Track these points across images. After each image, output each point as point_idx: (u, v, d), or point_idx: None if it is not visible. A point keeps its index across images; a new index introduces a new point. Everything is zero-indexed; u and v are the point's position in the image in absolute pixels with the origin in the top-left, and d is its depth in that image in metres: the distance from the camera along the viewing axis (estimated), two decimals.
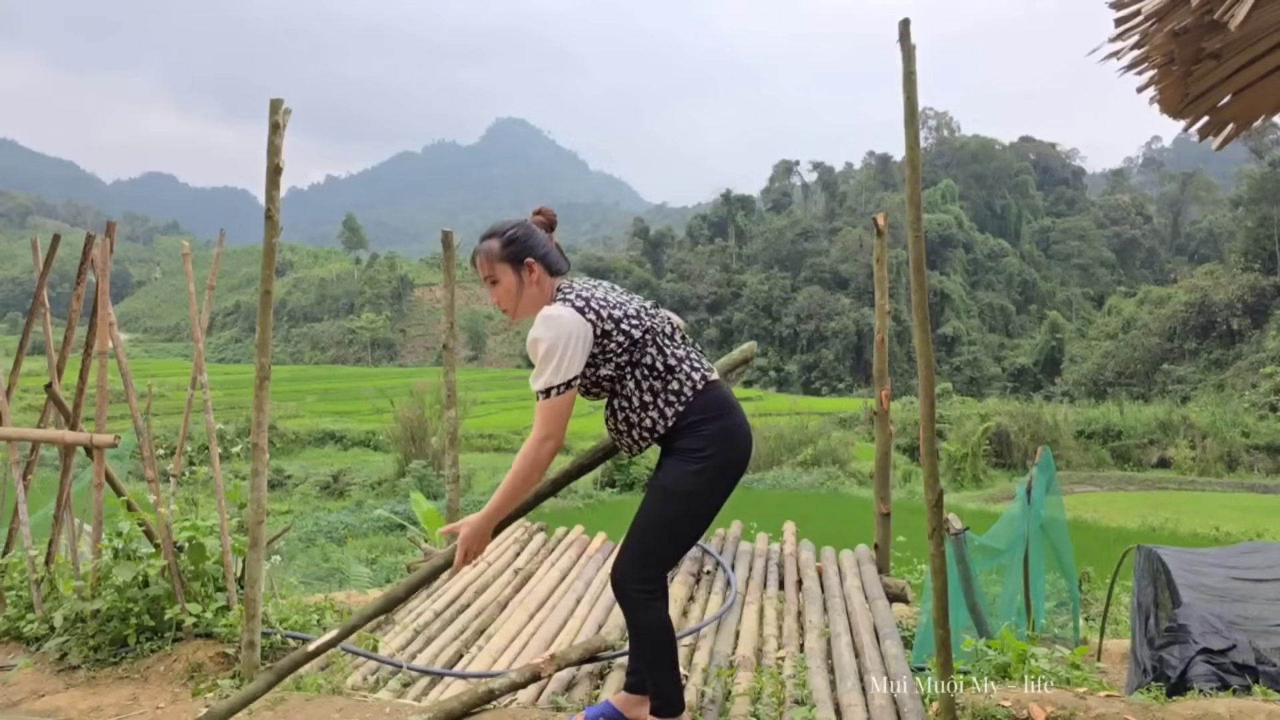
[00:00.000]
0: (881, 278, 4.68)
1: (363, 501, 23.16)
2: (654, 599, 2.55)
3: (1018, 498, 5.57)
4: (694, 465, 2.48)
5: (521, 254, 2.57)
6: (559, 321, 2.43)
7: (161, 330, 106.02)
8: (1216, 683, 3.44)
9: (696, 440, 2.50)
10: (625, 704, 2.74)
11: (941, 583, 2.62)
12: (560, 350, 2.41)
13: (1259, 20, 2.21)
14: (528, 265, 2.56)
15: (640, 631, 2.56)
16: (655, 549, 2.55)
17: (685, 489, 2.49)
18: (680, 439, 2.52)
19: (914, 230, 2.58)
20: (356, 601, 6.06)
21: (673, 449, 2.55)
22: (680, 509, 2.52)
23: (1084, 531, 13.41)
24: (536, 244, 2.59)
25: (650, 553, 2.54)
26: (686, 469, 2.49)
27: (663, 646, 2.55)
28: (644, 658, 2.59)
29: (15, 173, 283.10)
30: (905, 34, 2.65)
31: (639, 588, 2.53)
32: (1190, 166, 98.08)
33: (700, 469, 2.48)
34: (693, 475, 2.48)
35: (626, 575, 2.54)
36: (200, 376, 3.59)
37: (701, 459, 2.48)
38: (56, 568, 3.91)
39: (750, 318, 76.02)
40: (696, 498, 2.51)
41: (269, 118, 3.16)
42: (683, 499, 2.50)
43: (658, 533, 2.54)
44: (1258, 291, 53.79)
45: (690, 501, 2.51)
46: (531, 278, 2.57)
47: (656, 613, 2.55)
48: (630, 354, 2.50)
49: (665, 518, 2.52)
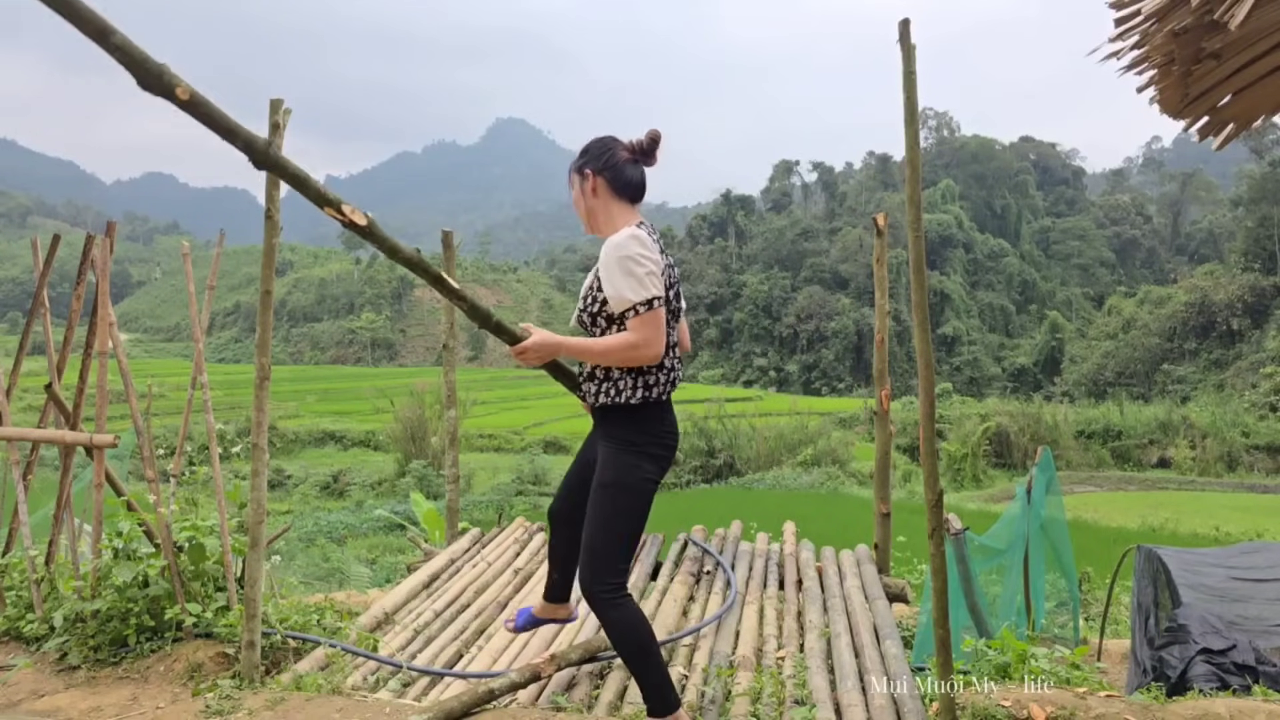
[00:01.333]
0: (881, 278, 4.68)
1: (363, 501, 23.18)
2: (625, 598, 2.59)
3: (1018, 498, 5.56)
4: (644, 460, 2.57)
5: (584, 165, 2.64)
6: (651, 249, 2.51)
7: (161, 330, 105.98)
8: (1216, 683, 3.44)
9: (645, 437, 2.59)
10: (542, 608, 3.13)
11: (941, 583, 2.62)
12: (652, 270, 2.48)
13: (1259, 20, 2.21)
14: (586, 175, 2.63)
15: (622, 634, 2.57)
16: (619, 546, 2.58)
17: (638, 483, 2.57)
18: (633, 431, 2.58)
19: (914, 230, 2.58)
20: (357, 601, 6.06)
21: (623, 441, 2.59)
22: (636, 503, 2.58)
23: (1084, 531, 13.40)
24: (606, 159, 2.63)
25: (614, 551, 2.58)
26: (639, 464, 2.57)
27: (645, 643, 2.57)
28: (631, 660, 2.60)
29: (15, 173, 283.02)
30: (905, 34, 2.65)
31: (610, 588, 2.56)
32: (1190, 166, 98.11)
33: (649, 464, 2.58)
34: (644, 470, 2.57)
35: (595, 579, 2.56)
36: (200, 376, 3.59)
37: (651, 456, 2.59)
38: (56, 568, 3.90)
39: (750, 318, 76.01)
40: (648, 492, 2.60)
41: (269, 118, 3.16)
42: (638, 494, 2.58)
43: (619, 530, 2.58)
44: (1258, 291, 53.78)
45: (643, 496, 2.59)
46: (588, 187, 2.63)
47: (631, 611, 2.58)
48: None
49: (624, 514, 2.57)
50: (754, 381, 68.88)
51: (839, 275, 76.63)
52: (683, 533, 5.17)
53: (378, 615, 3.98)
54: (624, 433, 2.60)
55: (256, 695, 3.01)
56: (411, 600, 4.29)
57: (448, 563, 4.80)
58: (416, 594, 4.37)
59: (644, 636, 2.57)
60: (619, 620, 2.56)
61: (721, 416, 29.03)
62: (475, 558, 4.91)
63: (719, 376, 69.77)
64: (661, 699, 2.57)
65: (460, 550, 5.02)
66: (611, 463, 2.59)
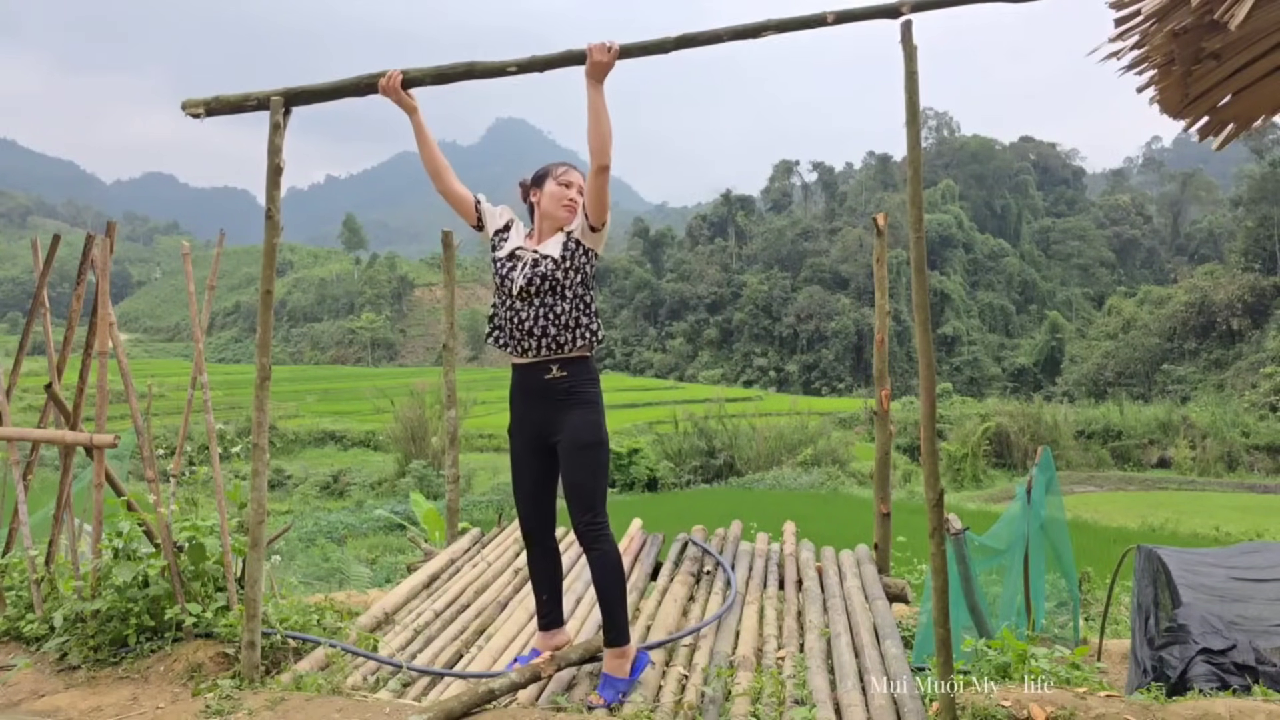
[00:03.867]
0: (881, 278, 4.68)
1: (363, 501, 23.18)
2: (611, 532, 3.12)
3: (1018, 498, 5.56)
4: (601, 416, 3.14)
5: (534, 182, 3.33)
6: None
7: (161, 330, 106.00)
8: (1216, 683, 3.44)
9: (599, 394, 3.16)
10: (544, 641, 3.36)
11: (941, 583, 2.62)
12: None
13: (1259, 20, 2.21)
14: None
15: (605, 566, 3.06)
16: (601, 492, 3.11)
17: (605, 435, 3.15)
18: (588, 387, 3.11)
19: (915, 230, 2.58)
20: (357, 601, 6.05)
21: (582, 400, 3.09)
22: (606, 453, 3.18)
23: (1084, 531, 13.40)
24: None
25: (599, 496, 3.10)
26: (599, 420, 3.12)
27: (622, 578, 3.13)
28: (610, 591, 3.07)
29: (15, 173, 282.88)
30: (907, 35, 2.65)
31: (601, 525, 3.07)
32: (1190, 166, 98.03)
33: (602, 416, 3.15)
34: (602, 422, 3.14)
35: (595, 519, 3.06)
36: (200, 376, 3.59)
37: (601, 409, 3.15)
38: (56, 568, 3.90)
39: (750, 318, 76.00)
40: (607, 439, 3.18)
41: (270, 118, 3.16)
42: (605, 445, 3.15)
43: (600, 479, 3.12)
44: (1258, 291, 53.78)
45: (606, 443, 3.16)
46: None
47: (615, 545, 3.12)
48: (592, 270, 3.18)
49: (601, 464, 3.12)
50: (754, 381, 68.88)
51: (839, 275, 76.62)
52: (683, 533, 5.17)
53: (378, 615, 3.98)
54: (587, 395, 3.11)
55: (256, 695, 3.01)
56: (411, 600, 4.29)
57: (448, 563, 4.80)
58: (416, 594, 4.37)
59: (621, 571, 3.13)
60: (607, 552, 3.07)
61: (721, 416, 29.03)
62: (475, 558, 4.91)
63: (719, 376, 69.80)
64: (624, 630, 3.12)
65: (460, 550, 5.01)
66: (579, 421, 3.08)
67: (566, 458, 3.10)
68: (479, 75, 3.08)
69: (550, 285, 3.05)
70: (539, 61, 3.05)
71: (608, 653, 3.13)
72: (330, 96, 3.20)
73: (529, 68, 3.05)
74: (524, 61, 3.05)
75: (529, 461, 3.23)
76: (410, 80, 3.13)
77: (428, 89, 3.19)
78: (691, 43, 2.99)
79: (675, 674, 3.29)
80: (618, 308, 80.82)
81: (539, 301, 3.05)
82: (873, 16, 2.76)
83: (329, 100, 3.21)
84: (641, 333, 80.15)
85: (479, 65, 3.06)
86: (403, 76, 3.10)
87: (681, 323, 78.74)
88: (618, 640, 3.09)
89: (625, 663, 3.11)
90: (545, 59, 3.06)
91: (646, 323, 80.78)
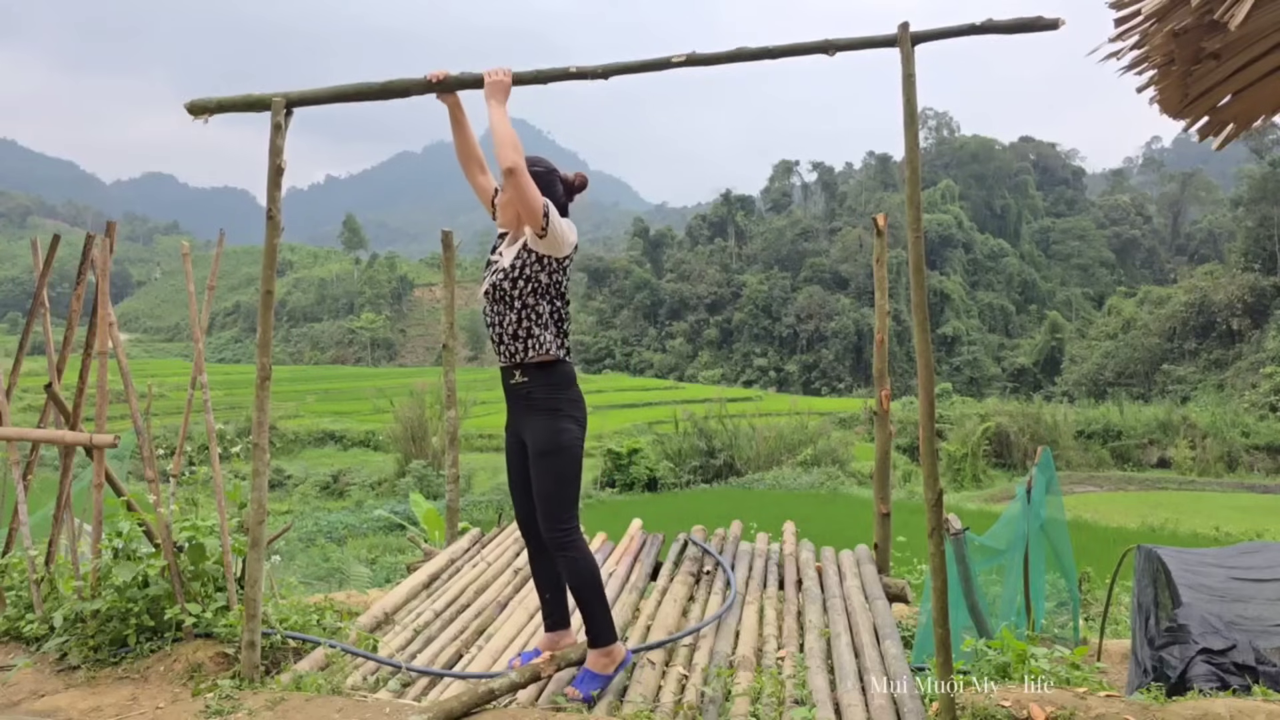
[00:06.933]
0: (881, 278, 4.69)
1: (363, 501, 23.17)
2: (580, 538, 3.11)
3: (1018, 498, 5.57)
4: (570, 424, 3.09)
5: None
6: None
7: (161, 330, 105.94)
8: (1216, 683, 3.44)
9: (565, 402, 3.09)
10: (549, 642, 3.36)
11: (941, 582, 2.62)
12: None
13: (1259, 20, 2.21)
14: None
15: (579, 571, 3.07)
16: (569, 498, 3.10)
17: (573, 443, 3.09)
18: (550, 393, 3.07)
19: (914, 231, 2.58)
20: (357, 601, 6.06)
21: (540, 406, 3.07)
22: (575, 462, 3.12)
23: (1084, 531, 13.40)
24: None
25: (566, 502, 3.08)
26: (558, 426, 3.06)
27: (597, 580, 3.12)
28: (583, 593, 3.09)
29: (15, 173, 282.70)
30: (905, 38, 2.65)
31: (567, 530, 3.06)
32: (1190, 166, 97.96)
33: (576, 426, 3.10)
34: (572, 431, 3.09)
35: (556, 526, 3.05)
36: (200, 376, 3.59)
37: (574, 420, 3.10)
38: (56, 568, 3.90)
39: (750, 318, 75.96)
40: (579, 447, 3.13)
41: (270, 118, 3.16)
42: (574, 454, 3.10)
43: (568, 486, 3.09)
44: (1258, 292, 53.72)
45: (577, 452, 3.12)
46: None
47: (585, 550, 3.11)
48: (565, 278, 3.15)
49: (569, 473, 3.08)
50: (754, 381, 68.83)
51: (839, 275, 76.57)
52: (682, 533, 5.17)
53: (378, 615, 3.98)
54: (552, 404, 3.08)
55: (256, 695, 3.01)
56: (411, 600, 4.29)
57: (448, 563, 4.80)
58: (416, 594, 4.37)
59: (596, 574, 3.13)
60: (577, 557, 3.07)
61: (721, 416, 29.00)
62: (475, 558, 4.91)
63: (719, 376, 69.75)
64: (606, 630, 3.13)
65: (460, 550, 5.02)
66: (546, 428, 3.06)
67: (531, 464, 3.14)
68: (395, 95, 3.24)
69: (499, 294, 3.09)
70: (449, 83, 3.19)
71: (591, 652, 3.16)
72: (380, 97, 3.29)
73: (444, 85, 3.18)
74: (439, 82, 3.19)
75: (517, 459, 3.28)
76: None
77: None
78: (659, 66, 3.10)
79: (675, 674, 3.29)
80: (617, 308, 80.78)
81: (494, 310, 3.13)
82: (872, 46, 2.83)
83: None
84: (641, 333, 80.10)
85: (394, 84, 3.20)
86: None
87: (681, 323, 78.68)
88: (598, 640, 3.13)
89: (610, 661, 3.14)
90: (456, 79, 3.19)
91: (646, 323, 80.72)
